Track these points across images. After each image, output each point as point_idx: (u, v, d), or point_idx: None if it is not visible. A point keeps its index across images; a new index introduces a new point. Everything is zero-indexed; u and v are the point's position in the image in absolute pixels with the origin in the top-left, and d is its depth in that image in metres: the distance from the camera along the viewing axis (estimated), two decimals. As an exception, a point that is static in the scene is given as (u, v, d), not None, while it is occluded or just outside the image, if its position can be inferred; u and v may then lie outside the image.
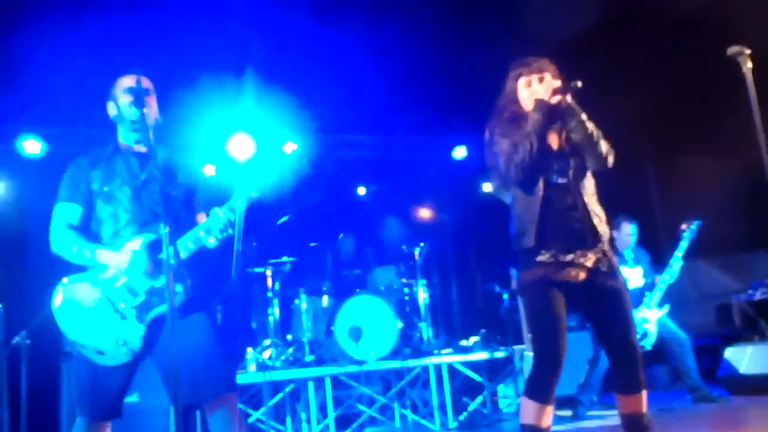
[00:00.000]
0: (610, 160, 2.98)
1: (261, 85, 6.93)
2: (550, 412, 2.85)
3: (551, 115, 2.94)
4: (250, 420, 5.68)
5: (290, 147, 7.44)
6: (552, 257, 2.87)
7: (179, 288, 2.61)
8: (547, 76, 3.00)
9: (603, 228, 2.96)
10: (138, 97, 2.75)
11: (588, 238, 2.91)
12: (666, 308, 5.88)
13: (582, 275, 2.89)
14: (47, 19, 5.49)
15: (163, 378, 2.78)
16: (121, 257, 2.77)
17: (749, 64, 2.74)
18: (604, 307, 2.92)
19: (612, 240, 3.07)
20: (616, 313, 2.90)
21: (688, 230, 5.75)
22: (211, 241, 2.83)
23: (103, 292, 2.77)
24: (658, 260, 6.22)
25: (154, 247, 2.79)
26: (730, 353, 6.04)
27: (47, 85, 5.81)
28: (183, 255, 2.73)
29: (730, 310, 7.67)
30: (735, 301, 6.90)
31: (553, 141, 3.03)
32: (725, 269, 8.58)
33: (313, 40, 6.98)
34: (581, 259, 2.88)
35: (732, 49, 2.79)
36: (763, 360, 5.63)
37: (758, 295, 6.43)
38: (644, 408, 2.87)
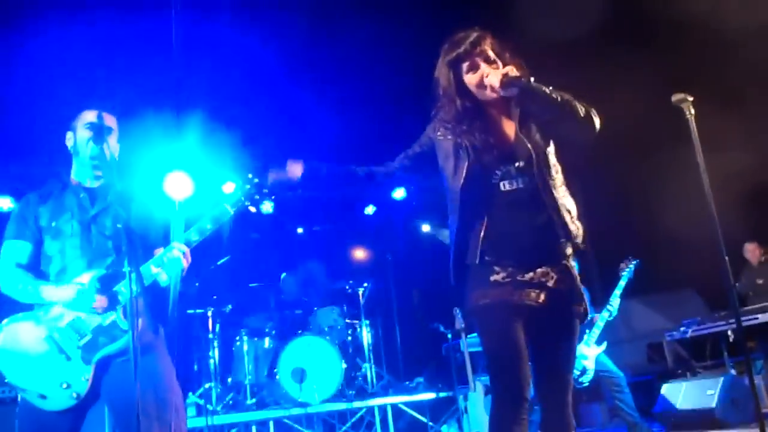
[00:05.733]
0: (596, 121, 2.46)
1: (201, 123, 6.86)
2: None
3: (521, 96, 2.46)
4: (190, 467, 5.48)
5: (230, 187, 7.38)
6: (508, 276, 2.43)
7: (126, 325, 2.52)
8: (488, 50, 2.54)
9: (575, 227, 2.52)
10: (98, 133, 2.70)
11: (550, 250, 2.47)
12: (604, 345, 6.00)
13: (542, 297, 2.45)
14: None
15: (117, 423, 2.66)
16: (67, 291, 2.66)
17: (692, 111, 2.86)
18: (552, 336, 2.52)
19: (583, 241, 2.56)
20: (561, 349, 2.53)
21: (627, 269, 5.91)
22: (164, 278, 2.75)
23: (46, 331, 2.65)
24: (591, 298, 6.35)
25: (104, 282, 2.70)
26: (666, 389, 6.19)
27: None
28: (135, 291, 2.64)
29: (662, 348, 7.91)
30: (667, 339, 7.11)
31: (509, 131, 2.58)
32: (655, 308, 8.86)
33: (254, 77, 6.99)
34: (542, 279, 2.45)
35: (676, 97, 2.91)
36: (698, 396, 5.79)
37: (690, 333, 6.63)
38: None
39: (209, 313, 6.34)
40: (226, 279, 6.78)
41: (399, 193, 9.13)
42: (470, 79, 2.54)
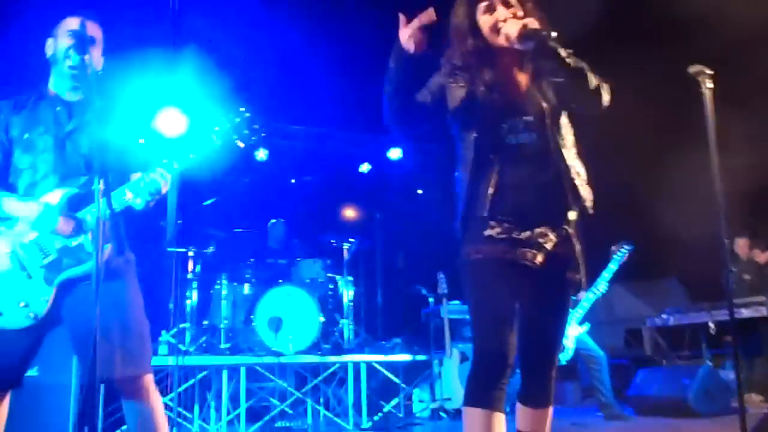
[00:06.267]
0: (606, 97, 2.32)
1: (200, 62, 6.68)
2: (501, 421, 2.22)
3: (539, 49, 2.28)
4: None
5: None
6: (504, 233, 2.27)
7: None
8: None
9: (585, 190, 2.38)
10: (80, 41, 2.52)
11: (552, 211, 2.32)
12: (586, 326, 5.95)
13: (540, 258, 2.29)
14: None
15: (77, 349, 2.56)
16: (31, 208, 2.53)
17: (709, 84, 2.72)
18: (545, 302, 2.37)
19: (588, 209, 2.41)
20: (552, 317, 2.41)
21: (619, 252, 5.82)
22: (138, 202, 2.61)
23: (9, 246, 2.53)
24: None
25: (73, 203, 2.57)
26: (641, 374, 6.19)
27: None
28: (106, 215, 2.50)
29: (640, 334, 7.90)
30: (648, 325, 7.08)
31: (521, 83, 2.41)
32: (637, 294, 8.84)
33: (258, 22, 6.81)
34: (540, 239, 2.29)
35: (693, 68, 2.76)
36: (673, 383, 5.78)
37: (672, 321, 6.60)
38: (547, 426, 2.47)
39: (190, 253, 6.22)
40: (212, 220, 6.66)
41: (395, 153, 9.03)
42: (485, 21, 2.35)
